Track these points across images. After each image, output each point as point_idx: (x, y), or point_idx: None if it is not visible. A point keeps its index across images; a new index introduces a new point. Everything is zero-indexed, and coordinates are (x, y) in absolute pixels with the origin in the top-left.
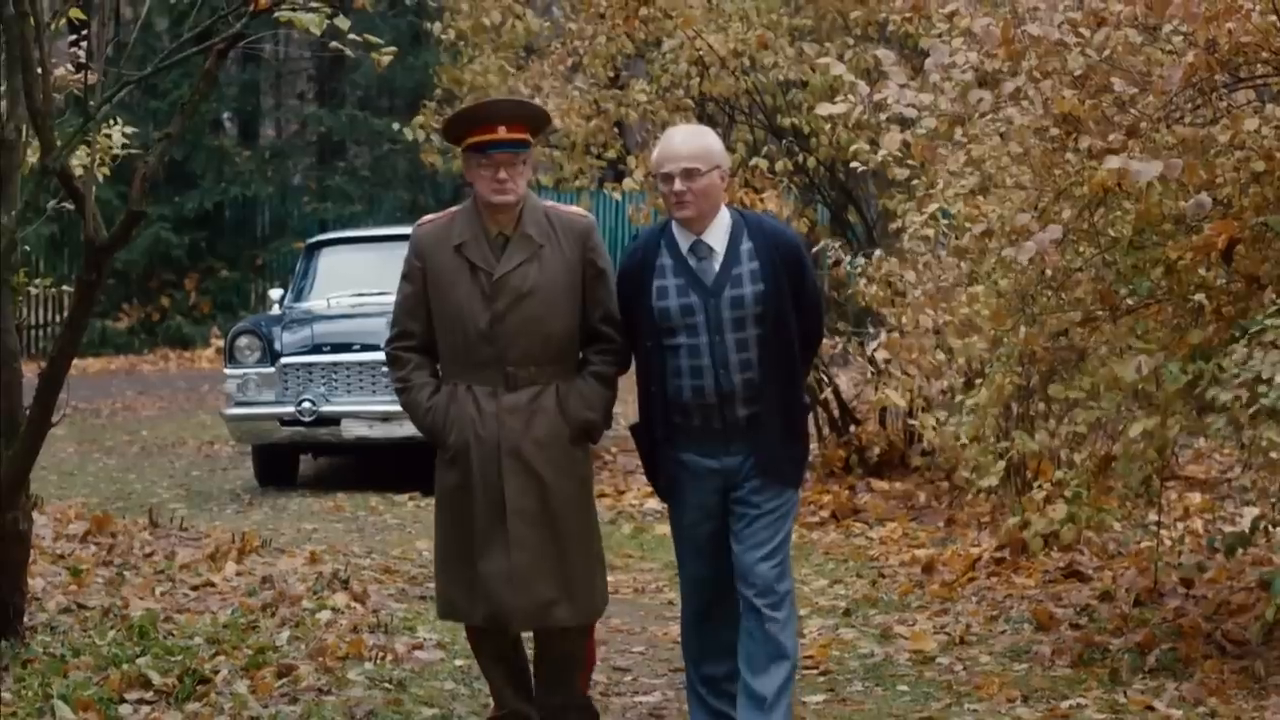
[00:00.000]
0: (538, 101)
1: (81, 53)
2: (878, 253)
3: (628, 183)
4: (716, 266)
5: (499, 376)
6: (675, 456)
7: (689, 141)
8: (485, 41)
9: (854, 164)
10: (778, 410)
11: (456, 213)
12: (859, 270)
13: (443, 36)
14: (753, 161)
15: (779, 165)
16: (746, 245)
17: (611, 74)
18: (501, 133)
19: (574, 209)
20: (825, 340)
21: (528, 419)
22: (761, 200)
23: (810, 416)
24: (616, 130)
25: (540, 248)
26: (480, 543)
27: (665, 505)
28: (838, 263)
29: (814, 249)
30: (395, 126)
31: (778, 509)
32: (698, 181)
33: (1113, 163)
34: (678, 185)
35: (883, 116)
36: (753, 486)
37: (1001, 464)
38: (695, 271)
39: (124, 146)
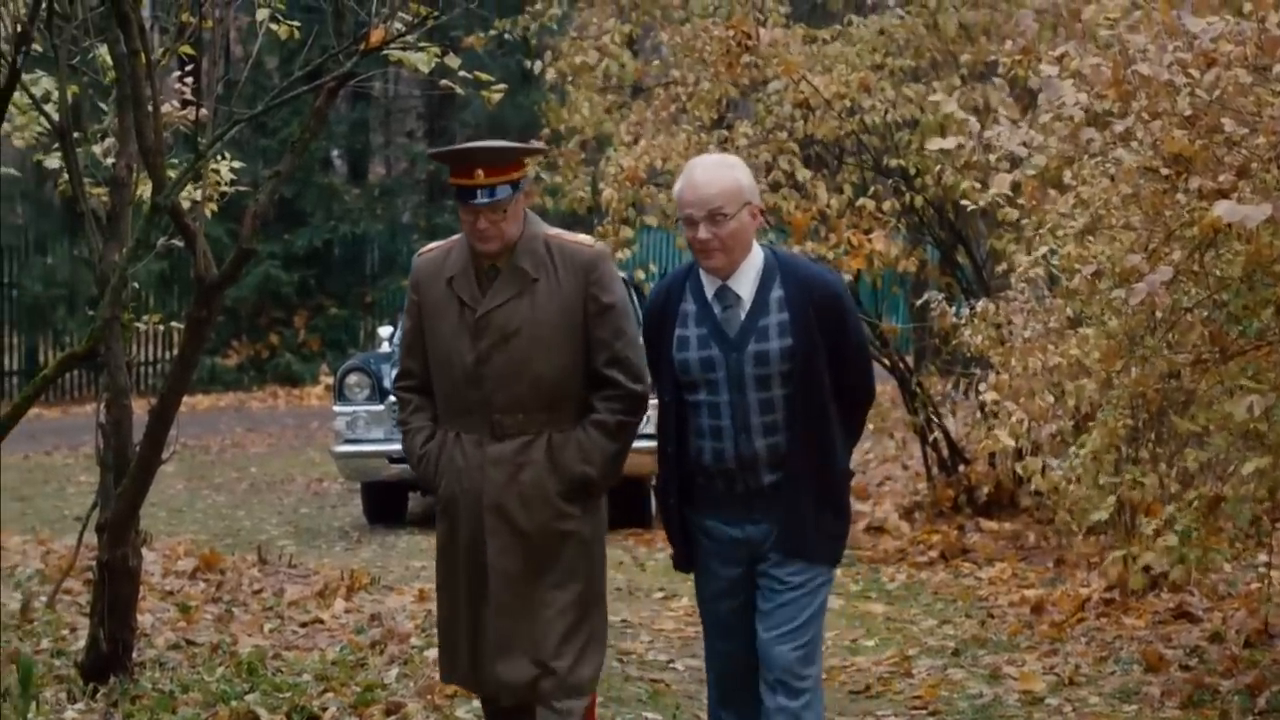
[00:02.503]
0: (641, 142)
1: (187, 89)
2: (982, 302)
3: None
4: (742, 316)
5: (485, 424)
6: (698, 523)
7: (713, 179)
8: (585, 82)
9: (965, 204)
10: (808, 478)
11: (455, 242)
12: (964, 320)
13: (545, 76)
14: (859, 202)
15: (886, 205)
16: (777, 293)
17: (716, 116)
18: (479, 178)
19: (581, 238)
20: (936, 380)
21: (513, 472)
22: (869, 240)
23: (926, 454)
24: None
25: (534, 281)
26: (467, 605)
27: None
28: (943, 313)
29: (922, 298)
30: None
31: (804, 585)
32: (725, 226)
33: (1221, 208)
34: (702, 232)
35: (992, 157)
36: (776, 560)
37: (1112, 499)
38: (719, 321)
39: (231, 182)
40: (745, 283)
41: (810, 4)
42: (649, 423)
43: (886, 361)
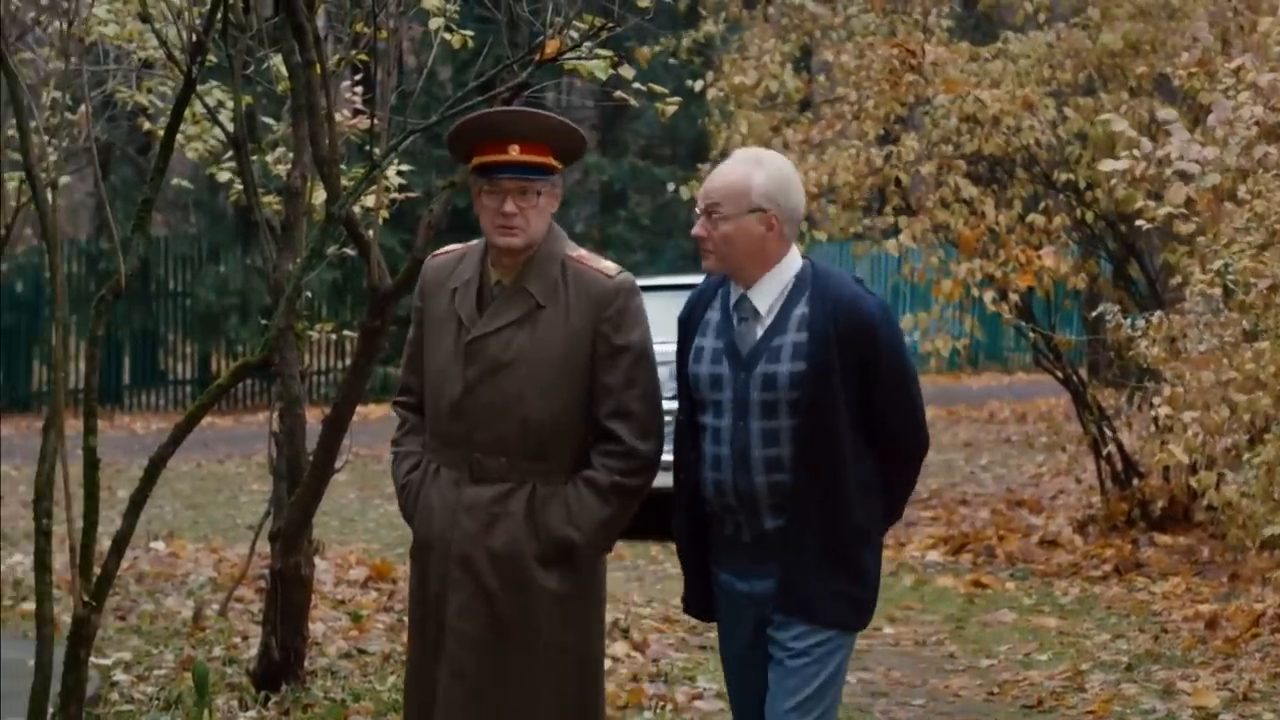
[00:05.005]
0: (810, 158)
1: (359, 98)
2: (1158, 314)
3: (902, 238)
4: (759, 333)
5: (464, 463)
6: (712, 572)
7: (725, 172)
8: (745, 102)
9: (1140, 223)
10: (816, 528)
11: (470, 248)
12: (1140, 332)
13: (708, 96)
14: (1029, 218)
15: (1056, 220)
16: (800, 311)
17: (883, 132)
18: (513, 153)
19: (605, 265)
20: (1109, 393)
21: (487, 523)
22: (1039, 256)
23: (1100, 467)
24: (896, 184)
25: (538, 309)
26: (432, 660)
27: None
28: (1117, 325)
29: (1096, 310)
30: (670, 187)
31: (809, 652)
32: (718, 227)
33: None
34: (696, 228)
35: (1167, 171)
36: (781, 621)
37: None
38: (734, 336)
39: (400, 188)
40: (767, 296)
41: (974, 20)
42: None
43: (1060, 374)
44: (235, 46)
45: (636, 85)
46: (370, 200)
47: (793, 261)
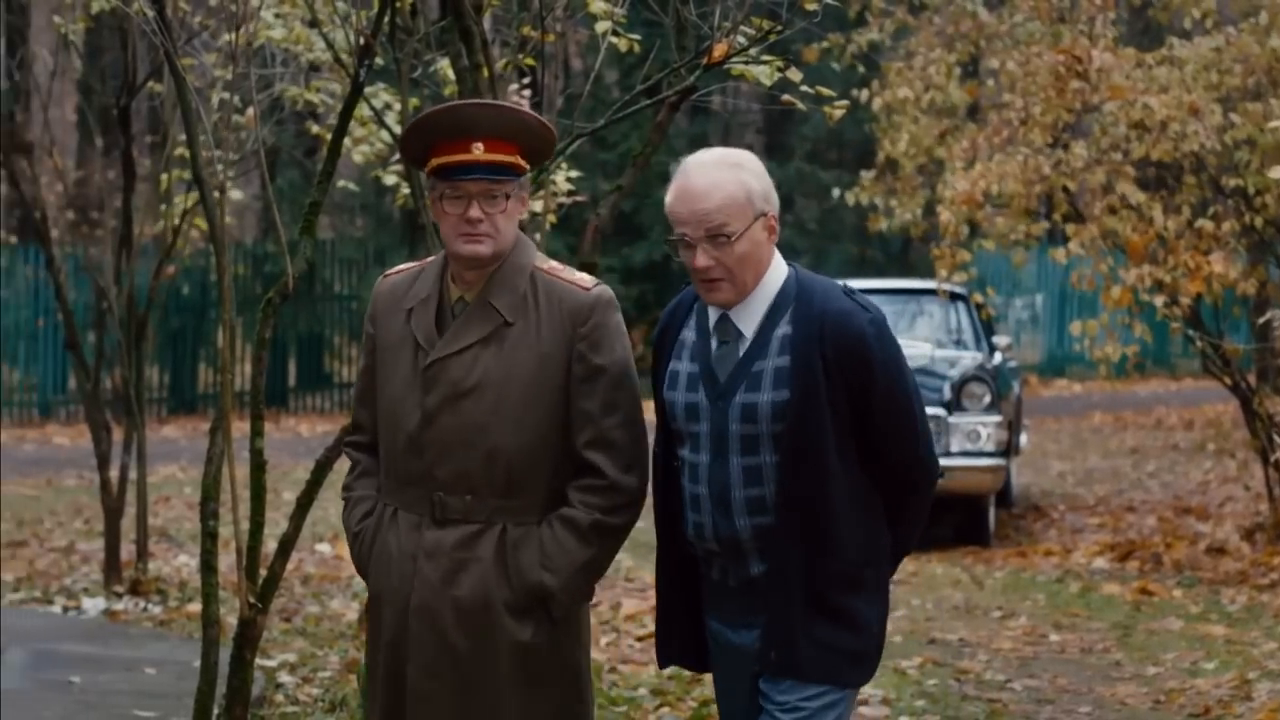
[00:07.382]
0: (977, 165)
1: (526, 101)
2: None
3: (1070, 246)
4: (739, 356)
5: (425, 503)
6: (705, 621)
7: (714, 185)
8: (908, 115)
9: None
10: (799, 573)
11: (427, 264)
12: None
13: (873, 107)
14: (1198, 223)
15: (1225, 226)
16: (783, 331)
17: (1051, 139)
18: (477, 152)
19: (579, 276)
20: (1278, 400)
21: (451, 569)
22: (1208, 262)
23: (1268, 474)
24: (1065, 191)
25: (506, 326)
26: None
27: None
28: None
29: (1264, 316)
30: (835, 192)
31: (799, 709)
32: (731, 251)
33: None
34: (700, 259)
35: None
36: (766, 677)
37: None
38: (712, 359)
39: (569, 194)
40: (752, 314)
41: (1142, 25)
42: (988, 439)
43: (1228, 380)
44: (402, 50)
45: (803, 88)
46: (537, 205)
47: (778, 271)
